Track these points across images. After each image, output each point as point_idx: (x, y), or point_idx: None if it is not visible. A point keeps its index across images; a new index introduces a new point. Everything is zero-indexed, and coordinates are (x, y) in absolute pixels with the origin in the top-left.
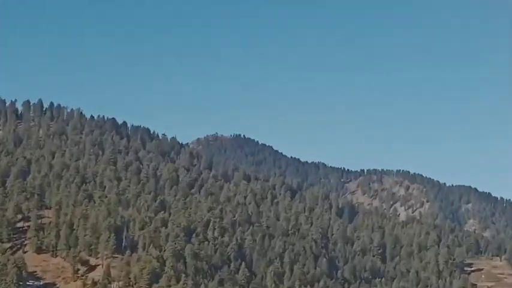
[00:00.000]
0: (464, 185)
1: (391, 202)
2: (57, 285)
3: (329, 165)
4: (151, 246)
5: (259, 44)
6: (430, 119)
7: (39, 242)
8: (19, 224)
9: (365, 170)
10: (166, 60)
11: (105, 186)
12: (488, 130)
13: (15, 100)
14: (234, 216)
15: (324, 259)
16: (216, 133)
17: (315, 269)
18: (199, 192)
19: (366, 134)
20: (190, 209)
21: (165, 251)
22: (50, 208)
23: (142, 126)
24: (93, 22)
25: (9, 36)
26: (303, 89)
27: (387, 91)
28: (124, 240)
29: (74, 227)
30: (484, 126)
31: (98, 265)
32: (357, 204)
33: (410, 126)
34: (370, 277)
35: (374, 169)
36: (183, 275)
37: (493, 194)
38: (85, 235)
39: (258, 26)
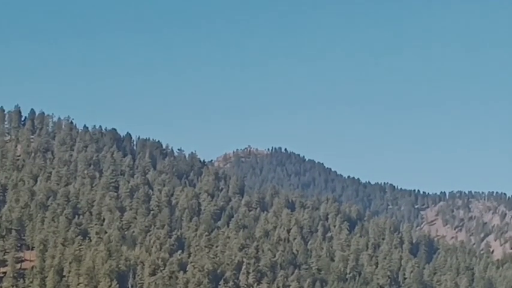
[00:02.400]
0: None
1: (482, 235)
2: None
3: (399, 187)
4: None
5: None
6: None
7: None
8: None
9: (447, 193)
10: (181, 55)
11: (103, 219)
12: None
13: None
14: (274, 256)
15: None
16: (249, 147)
17: None
18: (228, 225)
19: (446, 145)
20: (217, 247)
21: None
22: (32, 249)
23: (151, 139)
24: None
25: None
26: (361, 88)
27: (473, 88)
28: None
29: (64, 273)
30: None
31: None
32: (436, 239)
33: (506, 133)
34: None
35: (459, 191)
36: None
37: None
38: (78, 283)
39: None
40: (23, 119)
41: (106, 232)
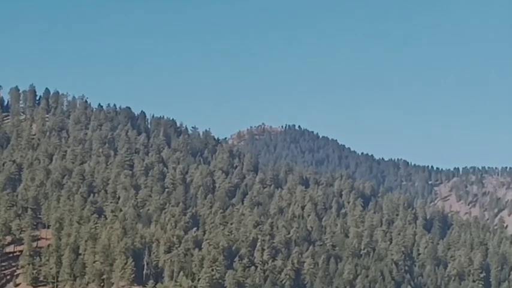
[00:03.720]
0: None
1: (496, 210)
2: None
3: (412, 164)
4: (180, 274)
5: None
6: None
7: (34, 271)
8: (8, 249)
9: (460, 169)
10: (195, 35)
11: (118, 197)
12: None
13: (0, 87)
14: (289, 233)
15: (409, 286)
16: (263, 124)
17: None
18: (243, 202)
19: (460, 121)
20: (231, 224)
21: (199, 280)
22: (48, 227)
23: (165, 117)
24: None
25: None
26: (373, 66)
27: (486, 63)
28: (145, 266)
29: (80, 251)
30: None
31: None
32: (450, 214)
33: None
34: None
35: (472, 167)
36: None
37: None
38: (94, 261)
39: None
40: (38, 98)
41: (121, 210)
